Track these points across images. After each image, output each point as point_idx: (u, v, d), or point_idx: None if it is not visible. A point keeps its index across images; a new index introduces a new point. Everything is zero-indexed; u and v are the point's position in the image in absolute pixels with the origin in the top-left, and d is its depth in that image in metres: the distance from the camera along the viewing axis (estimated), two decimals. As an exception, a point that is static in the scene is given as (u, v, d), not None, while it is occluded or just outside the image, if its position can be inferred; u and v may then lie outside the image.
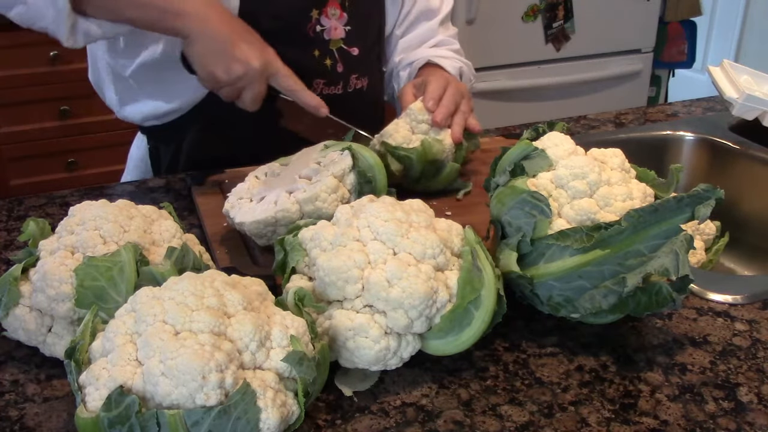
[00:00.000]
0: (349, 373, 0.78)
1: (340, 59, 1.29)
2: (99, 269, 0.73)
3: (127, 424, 0.61)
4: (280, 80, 1.09)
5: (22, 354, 0.82)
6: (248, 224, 0.94)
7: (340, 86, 1.31)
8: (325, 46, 1.28)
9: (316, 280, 0.77)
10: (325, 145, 1.01)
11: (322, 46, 1.27)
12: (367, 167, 0.96)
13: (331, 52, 1.28)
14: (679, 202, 0.77)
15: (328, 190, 0.93)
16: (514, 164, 0.86)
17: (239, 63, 1.05)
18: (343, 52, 1.30)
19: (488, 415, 0.74)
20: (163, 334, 0.64)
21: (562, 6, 2.77)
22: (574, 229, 0.79)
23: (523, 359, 0.82)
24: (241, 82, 1.07)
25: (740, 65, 1.53)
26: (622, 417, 0.73)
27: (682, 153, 1.45)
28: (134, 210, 0.83)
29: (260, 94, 1.08)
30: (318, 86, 1.28)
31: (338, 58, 1.29)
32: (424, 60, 1.36)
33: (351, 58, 1.31)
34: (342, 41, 1.29)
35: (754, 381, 0.78)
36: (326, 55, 1.28)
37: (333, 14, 1.27)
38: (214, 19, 1.06)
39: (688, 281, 0.77)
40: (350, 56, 1.30)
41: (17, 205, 1.16)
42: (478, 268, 0.76)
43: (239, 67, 1.05)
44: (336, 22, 1.27)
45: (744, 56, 3.99)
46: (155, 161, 1.36)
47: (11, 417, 0.73)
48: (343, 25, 1.28)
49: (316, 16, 1.26)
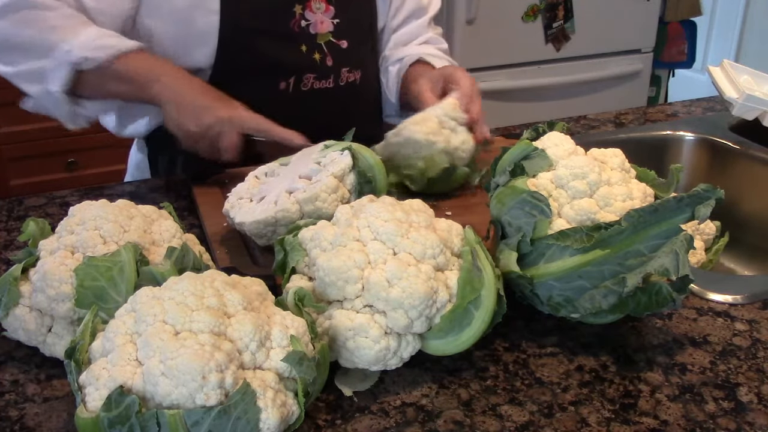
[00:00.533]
0: (349, 373, 0.78)
1: (329, 53, 1.30)
2: (99, 269, 0.73)
3: (127, 424, 0.61)
4: (249, 124, 1.15)
5: (22, 354, 0.82)
6: (248, 224, 0.94)
7: (331, 80, 1.31)
8: (312, 41, 1.28)
9: (316, 280, 0.77)
10: (325, 145, 1.01)
11: (309, 40, 1.28)
12: (367, 167, 0.96)
13: (319, 46, 1.29)
14: (679, 202, 0.77)
15: (328, 190, 0.93)
16: (514, 164, 0.86)
17: (207, 113, 1.13)
18: (332, 46, 1.30)
19: (488, 415, 0.74)
20: (163, 334, 0.64)
21: (562, 6, 2.77)
22: (574, 229, 0.79)
23: (523, 359, 0.82)
24: (212, 130, 1.14)
25: (740, 65, 1.53)
26: (622, 417, 0.73)
27: (682, 153, 1.45)
28: (134, 210, 0.83)
29: (233, 142, 1.14)
30: (309, 81, 1.29)
31: (327, 51, 1.30)
32: (415, 57, 1.37)
33: (340, 51, 1.31)
34: (330, 35, 1.29)
35: (754, 381, 0.78)
36: (314, 49, 1.29)
37: (318, 8, 1.28)
38: (184, 84, 1.17)
39: (688, 281, 0.77)
40: (339, 49, 1.31)
41: (17, 205, 1.16)
42: (478, 268, 0.76)
43: (207, 116, 1.14)
44: (322, 15, 1.28)
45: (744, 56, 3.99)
46: (153, 166, 1.37)
47: (11, 417, 0.73)
48: (330, 19, 1.29)
49: (300, 11, 1.26)
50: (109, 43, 1.15)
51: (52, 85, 1.15)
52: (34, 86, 1.18)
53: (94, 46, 1.13)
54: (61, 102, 1.17)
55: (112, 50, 1.14)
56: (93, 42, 1.14)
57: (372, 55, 1.41)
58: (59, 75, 1.14)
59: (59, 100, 1.17)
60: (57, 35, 1.13)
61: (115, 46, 1.14)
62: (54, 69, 1.14)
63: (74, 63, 1.13)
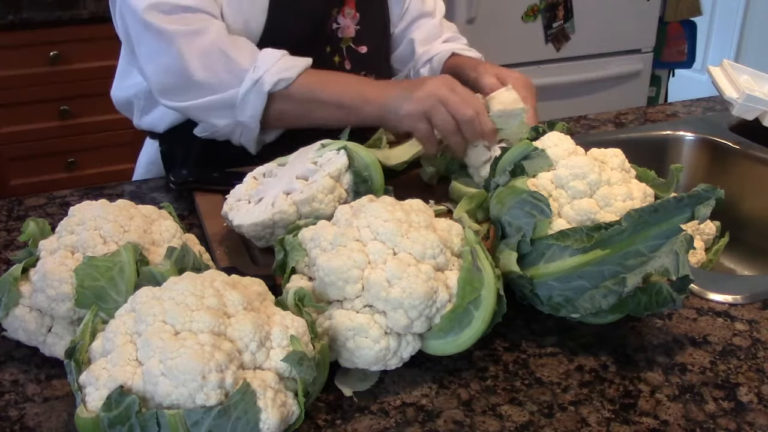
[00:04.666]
0: (349, 373, 0.78)
1: (347, 57, 1.31)
2: (99, 269, 0.73)
3: (127, 424, 0.61)
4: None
5: (22, 354, 0.82)
6: (246, 227, 0.93)
7: None
8: (337, 44, 1.30)
9: (316, 280, 0.77)
10: (322, 144, 1.01)
11: (334, 43, 1.29)
12: (363, 167, 0.96)
13: (340, 50, 1.30)
14: (679, 202, 0.77)
15: (324, 190, 0.92)
16: (514, 164, 0.86)
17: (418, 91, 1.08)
18: (351, 51, 1.31)
19: (488, 415, 0.74)
20: (163, 334, 0.64)
21: (562, 6, 2.77)
22: (574, 229, 0.79)
23: (523, 359, 0.82)
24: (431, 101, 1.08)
25: (740, 65, 1.53)
26: (622, 417, 0.73)
27: (682, 153, 1.45)
28: (134, 210, 0.83)
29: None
30: None
31: (346, 55, 1.31)
32: (447, 53, 1.37)
33: (359, 56, 1.32)
34: (351, 40, 1.31)
35: (754, 381, 0.78)
36: (336, 52, 1.30)
37: (348, 14, 1.29)
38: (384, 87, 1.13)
39: (688, 281, 0.77)
40: (358, 54, 1.32)
41: (17, 205, 1.16)
42: (478, 268, 0.76)
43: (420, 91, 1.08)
44: (350, 21, 1.30)
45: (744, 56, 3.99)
46: (168, 161, 1.36)
47: (11, 417, 0.73)
48: (354, 24, 1.30)
49: (335, 14, 1.28)
50: (291, 63, 1.12)
51: (245, 116, 1.12)
52: (223, 119, 1.14)
53: (282, 67, 1.11)
54: (253, 130, 1.14)
55: (297, 68, 1.11)
56: (278, 63, 1.11)
57: (386, 61, 1.42)
58: (254, 104, 1.11)
59: (251, 129, 1.14)
60: (241, 62, 1.10)
61: (297, 65, 1.12)
62: (246, 99, 1.11)
63: (269, 89, 1.10)
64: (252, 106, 1.11)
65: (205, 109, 1.13)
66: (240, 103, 1.11)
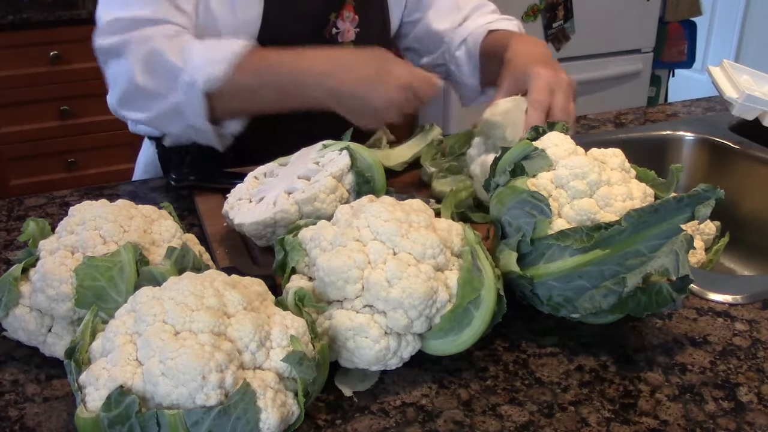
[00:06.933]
0: (349, 373, 0.78)
1: None
2: (99, 269, 0.73)
3: (127, 424, 0.61)
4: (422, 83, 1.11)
5: (22, 354, 0.82)
6: (247, 225, 0.93)
7: None
8: None
9: (316, 280, 0.77)
10: (324, 145, 1.01)
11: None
12: (366, 167, 0.96)
13: None
14: (679, 202, 0.77)
15: (326, 190, 0.93)
16: (514, 164, 0.86)
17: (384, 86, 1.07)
18: None
19: (488, 415, 0.74)
20: (163, 334, 0.64)
21: (562, 6, 2.78)
22: (574, 229, 0.79)
23: (523, 359, 0.82)
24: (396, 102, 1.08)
25: (740, 65, 1.53)
26: (622, 417, 0.73)
27: (682, 153, 1.45)
28: (134, 210, 0.83)
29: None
30: None
31: None
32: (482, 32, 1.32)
33: None
34: (352, 44, 1.30)
35: (754, 381, 0.78)
36: None
37: (347, 17, 1.28)
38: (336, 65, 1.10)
39: (688, 281, 0.77)
40: None
41: (17, 205, 1.16)
42: (478, 268, 0.76)
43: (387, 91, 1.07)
44: (349, 24, 1.29)
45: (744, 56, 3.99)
46: (165, 162, 1.36)
47: (11, 417, 0.73)
48: (354, 27, 1.29)
49: (333, 19, 1.27)
50: (218, 55, 1.09)
51: (192, 119, 1.12)
52: (176, 126, 1.16)
53: (208, 61, 1.09)
54: (206, 131, 1.14)
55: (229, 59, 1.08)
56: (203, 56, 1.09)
57: None
58: (194, 107, 1.10)
59: (205, 131, 1.14)
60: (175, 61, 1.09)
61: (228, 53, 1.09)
62: (186, 103, 1.10)
63: (202, 89, 1.08)
64: (193, 110, 1.11)
65: (159, 119, 1.15)
66: (183, 108, 1.11)
